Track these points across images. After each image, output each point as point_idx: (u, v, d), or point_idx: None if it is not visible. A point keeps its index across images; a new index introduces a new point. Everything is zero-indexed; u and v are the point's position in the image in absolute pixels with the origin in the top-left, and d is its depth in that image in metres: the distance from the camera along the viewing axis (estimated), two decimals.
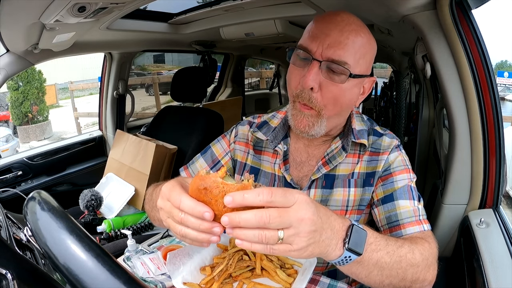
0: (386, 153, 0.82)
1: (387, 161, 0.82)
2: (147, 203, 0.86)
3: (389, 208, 0.77)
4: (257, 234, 0.45)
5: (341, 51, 0.69)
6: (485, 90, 0.99)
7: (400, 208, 0.76)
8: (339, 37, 0.69)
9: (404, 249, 0.62)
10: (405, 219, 0.75)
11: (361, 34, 0.71)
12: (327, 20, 0.71)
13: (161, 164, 1.78)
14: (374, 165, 0.82)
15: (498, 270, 0.82)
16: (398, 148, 0.84)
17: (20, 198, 1.57)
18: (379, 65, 6.24)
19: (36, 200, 0.49)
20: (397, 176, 0.80)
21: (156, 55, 11.33)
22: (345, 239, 0.54)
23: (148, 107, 7.87)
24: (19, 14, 0.99)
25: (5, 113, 8.49)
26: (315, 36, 0.70)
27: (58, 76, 10.76)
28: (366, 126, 0.86)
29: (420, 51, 1.38)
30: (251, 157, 0.91)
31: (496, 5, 1.73)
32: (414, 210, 0.75)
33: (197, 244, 0.52)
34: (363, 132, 0.83)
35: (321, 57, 0.69)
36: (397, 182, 0.79)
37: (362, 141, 0.81)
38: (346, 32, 0.69)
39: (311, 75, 0.69)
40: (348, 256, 0.54)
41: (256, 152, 0.91)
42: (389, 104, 2.77)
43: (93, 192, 1.62)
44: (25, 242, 0.58)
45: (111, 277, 0.38)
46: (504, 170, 1.05)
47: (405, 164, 0.82)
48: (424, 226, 0.74)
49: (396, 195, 0.77)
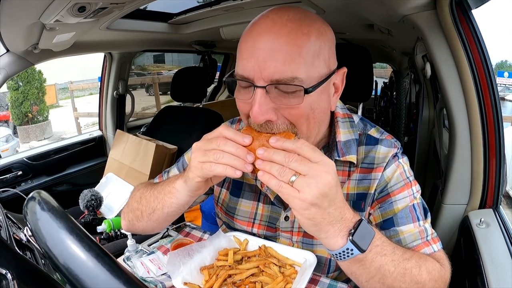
0: (380, 169, 0.70)
1: (383, 179, 0.70)
2: (138, 201, 0.78)
3: (390, 234, 0.68)
4: (277, 168, 0.51)
5: (282, 66, 0.54)
6: (485, 90, 0.99)
7: (403, 233, 0.67)
8: (275, 47, 0.54)
9: (411, 263, 0.59)
10: (411, 244, 0.67)
11: (303, 31, 0.56)
12: (256, 30, 0.57)
13: (161, 164, 1.78)
14: (366, 185, 0.71)
15: (498, 270, 0.82)
16: (396, 158, 0.71)
17: (20, 198, 1.57)
18: (379, 65, 6.22)
19: (36, 200, 0.49)
20: (396, 196, 0.69)
21: (156, 55, 11.32)
22: (351, 230, 0.53)
23: (148, 107, 7.86)
24: (19, 14, 0.99)
25: (5, 113, 8.48)
26: (249, 56, 0.57)
27: (58, 76, 10.75)
28: (356, 133, 0.73)
29: (420, 51, 1.38)
30: None
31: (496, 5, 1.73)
32: (420, 232, 0.67)
33: (230, 170, 0.55)
34: (350, 144, 0.71)
35: (264, 81, 0.56)
36: (397, 203, 0.69)
37: (348, 159, 0.70)
38: (282, 36, 0.55)
39: (259, 108, 0.56)
40: (351, 249, 0.53)
41: None
42: (389, 104, 2.77)
43: (93, 192, 1.62)
44: (25, 242, 0.58)
45: (111, 277, 0.38)
46: (504, 170, 1.05)
47: (405, 177, 0.71)
48: (434, 247, 0.67)
49: (397, 220, 0.68)
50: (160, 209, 0.73)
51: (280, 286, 0.66)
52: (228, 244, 0.80)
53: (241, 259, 0.75)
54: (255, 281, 0.68)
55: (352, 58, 1.27)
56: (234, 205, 0.85)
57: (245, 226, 0.83)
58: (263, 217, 0.81)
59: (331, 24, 0.64)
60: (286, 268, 0.72)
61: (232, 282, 0.69)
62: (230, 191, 0.86)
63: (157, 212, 0.74)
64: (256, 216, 0.82)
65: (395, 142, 0.74)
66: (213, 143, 0.57)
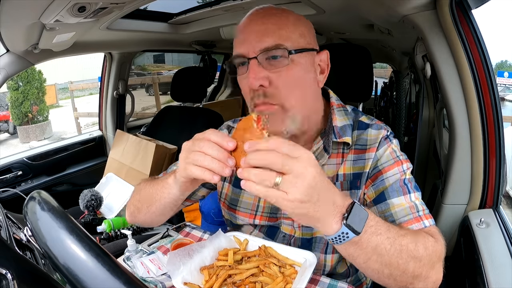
0: (373, 149, 0.76)
1: (376, 158, 0.76)
2: (140, 193, 0.83)
3: (382, 209, 0.72)
4: (258, 173, 0.50)
5: (269, 37, 0.67)
6: (485, 90, 0.99)
7: (394, 207, 0.70)
8: (263, 26, 0.68)
9: (407, 239, 0.59)
10: (402, 218, 0.69)
11: (283, 14, 0.70)
12: (246, 22, 0.71)
13: (161, 164, 1.78)
14: (361, 164, 0.76)
15: (498, 270, 0.82)
16: (387, 140, 0.77)
17: (20, 198, 1.57)
18: (379, 65, 6.23)
19: (36, 200, 0.49)
20: (387, 172, 0.74)
21: (156, 55, 11.32)
22: (344, 214, 0.54)
23: (148, 107, 7.86)
24: (19, 14, 0.99)
25: (5, 113, 8.48)
26: (243, 40, 0.70)
27: (58, 76, 10.75)
28: (350, 119, 0.80)
29: (420, 51, 1.38)
30: None
31: (496, 5, 1.73)
32: (410, 207, 0.70)
33: (208, 174, 0.56)
34: (346, 128, 0.77)
35: (254, 53, 0.68)
36: (388, 179, 0.73)
37: (345, 140, 0.76)
38: (267, 18, 0.69)
39: (253, 73, 0.67)
40: (346, 232, 0.53)
41: None
42: (389, 104, 2.77)
43: (93, 192, 1.62)
44: (25, 242, 0.58)
45: (111, 277, 0.38)
46: (504, 170, 1.05)
47: (395, 156, 0.75)
48: (426, 222, 0.68)
49: (388, 194, 0.72)
50: (157, 200, 0.76)
51: (280, 286, 0.66)
52: (228, 244, 0.80)
53: (241, 259, 0.75)
54: (255, 281, 0.68)
55: (352, 58, 1.27)
56: (237, 197, 0.87)
57: (247, 218, 0.85)
58: (265, 209, 0.84)
59: (331, 24, 0.66)
60: (286, 268, 0.72)
61: (232, 282, 0.69)
62: (232, 183, 0.88)
63: (155, 204, 0.77)
64: (258, 208, 0.84)
65: (384, 126, 0.80)
66: (197, 145, 0.58)
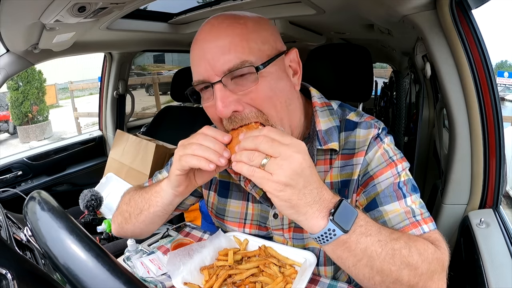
0: (361, 153, 0.68)
1: (365, 163, 0.68)
2: (128, 203, 0.80)
3: (375, 216, 0.65)
4: (247, 153, 0.52)
5: (229, 55, 0.59)
6: (485, 90, 0.99)
7: (388, 213, 0.64)
8: (219, 42, 0.59)
9: (399, 244, 0.55)
10: (397, 225, 0.63)
11: (239, 21, 0.61)
12: (200, 38, 0.63)
13: (161, 164, 1.78)
14: (349, 171, 0.69)
15: (498, 270, 0.82)
16: (377, 140, 0.69)
17: (20, 198, 1.57)
18: (379, 65, 6.23)
19: (36, 200, 0.48)
20: (378, 177, 0.67)
21: (156, 55, 11.31)
22: (331, 210, 0.52)
23: (148, 107, 7.86)
24: (19, 14, 0.99)
25: (5, 113, 8.48)
26: (199, 61, 0.62)
27: (58, 76, 10.76)
28: (337, 120, 0.72)
29: (420, 51, 1.38)
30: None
31: (496, 5, 1.73)
32: (406, 212, 0.63)
33: (204, 162, 0.58)
34: (331, 132, 0.70)
35: (218, 76, 0.60)
36: (380, 184, 0.66)
37: (330, 146, 0.69)
38: (222, 32, 0.60)
39: (221, 101, 0.59)
40: (333, 229, 0.51)
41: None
42: (389, 104, 2.77)
43: (93, 192, 1.62)
44: (25, 242, 0.58)
45: (111, 277, 0.38)
46: (504, 170, 1.05)
47: (387, 158, 0.68)
48: (424, 228, 0.62)
49: (380, 200, 0.65)
50: (146, 209, 0.74)
51: (280, 286, 0.66)
52: (228, 244, 0.80)
53: (241, 259, 0.75)
54: (255, 281, 0.68)
55: (352, 58, 1.27)
56: (223, 206, 0.84)
57: (236, 228, 0.83)
58: (254, 216, 0.81)
59: (331, 24, 0.65)
60: (286, 268, 0.72)
61: (232, 282, 0.69)
62: (217, 192, 0.85)
63: (144, 212, 0.75)
64: (247, 216, 0.82)
65: (375, 122, 0.72)
66: (193, 138, 0.61)
